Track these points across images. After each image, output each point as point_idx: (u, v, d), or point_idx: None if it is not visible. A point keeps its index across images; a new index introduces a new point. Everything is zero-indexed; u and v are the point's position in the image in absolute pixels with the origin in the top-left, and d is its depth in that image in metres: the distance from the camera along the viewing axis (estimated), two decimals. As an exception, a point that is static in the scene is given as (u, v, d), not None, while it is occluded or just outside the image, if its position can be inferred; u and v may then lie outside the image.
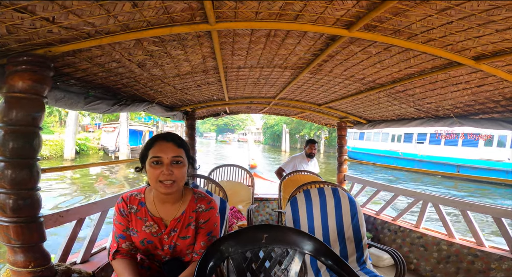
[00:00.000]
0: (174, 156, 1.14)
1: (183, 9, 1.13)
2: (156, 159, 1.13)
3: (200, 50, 1.68)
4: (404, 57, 1.65)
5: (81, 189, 9.77)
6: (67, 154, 16.83)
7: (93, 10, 0.99)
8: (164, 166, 1.13)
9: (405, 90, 2.25)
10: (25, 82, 1.17)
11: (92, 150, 20.37)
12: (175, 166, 1.14)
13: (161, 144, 1.16)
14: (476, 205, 2.51)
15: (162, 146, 1.15)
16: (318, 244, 1.28)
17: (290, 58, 1.91)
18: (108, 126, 20.51)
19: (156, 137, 1.21)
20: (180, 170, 1.15)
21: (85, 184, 10.65)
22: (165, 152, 1.14)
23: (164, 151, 1.14)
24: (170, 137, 1.20)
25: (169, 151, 1.14)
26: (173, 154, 1.14)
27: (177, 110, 3.38)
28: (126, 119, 18.11)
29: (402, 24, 1.23)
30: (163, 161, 1.13)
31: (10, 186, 1.15)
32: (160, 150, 1.14)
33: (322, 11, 1.20)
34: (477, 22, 1.10)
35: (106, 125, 21.19)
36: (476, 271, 2.32)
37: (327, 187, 2.39)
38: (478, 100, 2.07)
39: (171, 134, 1.22)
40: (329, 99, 3.08)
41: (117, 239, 1.22)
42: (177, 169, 1.14)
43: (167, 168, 1.12)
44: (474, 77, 1.72)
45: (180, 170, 1.15)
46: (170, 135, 1.21)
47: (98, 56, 1.45)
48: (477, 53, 1.40)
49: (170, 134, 1.22)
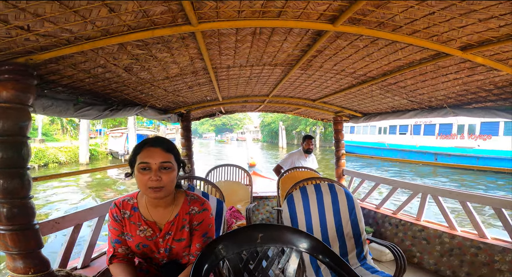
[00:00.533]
0: (162, 161, 1.13)
1: (162, 12, 1.12)
2: (144, 165, 1.12)
3: (186, 52, 1.67)
4: (392, 50, 1.64)
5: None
6: (82, 159, 17.89)
7: (68, 17, 0.97)
8: (152, 172, 1.12)
9: (397, 82, 2.23)
10: (9, 92, 1.16)
11: (101, 154, 21.31)
12: (164, 172, 1.13)
13: (149, 149, 1.15)
14: (476, 196, 2.50)
15: (150, 152, 1.14)
16: (314, 242, 1.27)
17: (278, 55, 1.89)
18: (116, 132, 21.68)
19: (143, 142, 1.19)
20: (169, 176, 1.14)
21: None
22: (153, 157, 1.13)
23: (152, 156, 1.13)
24: (158, 142, 1.18)
25: (157, 157, 1.13)
26: (161, 160, 1.13)
27: (171, 112, 3.37)
28: (134, 125, 19.60)
29: (386, 16, 1.21)
30: (151, 167, 1.12)
31: (2, 196, 1.16)
32: (147, 156, 1.13)
33: (304, 7, 1.19)
34: (458, 12, 1.09)
35: (114, 130, 22.36)
36: (480, 263, 2.31)
37: (324, 183, 2.38)
38: (470, 90, 2.06)
39: (159, 139, 1.21)
40: (323, 94, 3.07)
41: (113, 244, 1.23)
42: (165, 174, 1.13)
43: (155, 174, 1.11)
44: (463, 67, 1.71)
45: (168, 176, 1.14)
46: (158, 140, 1.19)
47: (82, 62, 1.43)
48: (463, 43, 1.39)
49: (158, 139, 1.20)
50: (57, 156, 16.93)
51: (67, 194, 9.70)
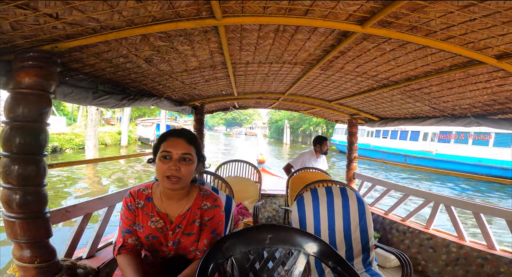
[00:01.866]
0: (183, 153, 1.15)
1: (188, 4, 1.10)
2: (166, 153, 1.15)
3: (207, 46, 1.65)
4: (421, 55, 1.57)
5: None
6: (123, 142, 21.22)
7: (96, 5, 0.97)
8: (172, 162, 1.14)
9: (421, 88, 2.15)
10: (31, 78, 1.17)
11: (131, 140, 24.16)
12: (183, 163, 1.15)
13: (173, 139, 1.18)
14: (490, 208, 2.42)
15: (173, 142, 1.17)
16: (323, 246, 1.25)
17: (300, 54, 1.85)
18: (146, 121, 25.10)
19: (169, 132, 1.22)
20: (188, 168, 1.16)
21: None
22: (175, 147, 1.15)
23: (175, 146, 1.15)
24: (183, 133, 1.21)
25: (179, 147, 1.15)
26: (182, 151, 1.15)
27: (186, 104, 3.38)
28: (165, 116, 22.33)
29: (420, 20, 1.15)
30: (172, 157, 1.14)
31: (16, 182, 1.15)
32: (170, 145, 1.16)
33: (333, 6, 1.14)
34: (501, 20, 1.02)
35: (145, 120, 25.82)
36: (485, 274, 2.26)
37: (335, 186, 2.34)
38: (498, 100, 1.97)
39: (185, 131, 1.23)
40: (340, 95, 3.00)
41: (124, 234, 1.23)
42: (184, 166, 1.15)
43: (175, 164, 1.14)
44: (495, 76, 1.62)
45: (187, 168, 1.16)
46: (183, 131, 1.22)
47: (105, 51, 1.44)
48: (499, 52, 1.32)
49: (184, 131, 1.23)
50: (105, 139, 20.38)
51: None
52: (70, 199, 7.69)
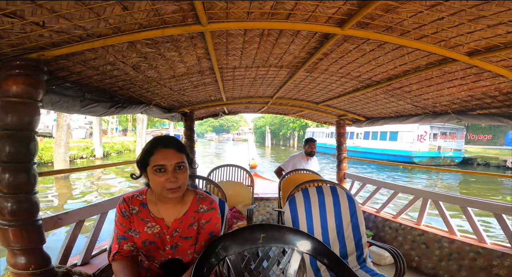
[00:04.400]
0: (177, 162, 1.14)
1: (174, 11, 1.13)
2: (159, 167, 1.13)
3: (194, 51, 1.69)
4: (399, 54, 1.65)
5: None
6: (138, 151, 22.15)
7: (83, 14, 0.99)
8: (168, 173, 1.13)
9: (402, 86, 2.24)
10: (19, 86, 1.18)
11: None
12: (179, 172, 1.15)
13: (163, 151, 1.14)
14: (477, 202, 2.50)
15: (164, 153, 1.14)
16: (316, 243, 1.28)
17: (285, 57, 1.90)
18: (156, 131, 28.41)
19: (156, 143, 1.17)
20: (184, 175, 1.17)
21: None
22: (168, 159, 1.13)
23: (167, 158, 1.13)
24: (170, 142, 1.18)
25: (171, 158, 1.13)
26: (176, 161, 1.14)
27: (175, 111, 3.38)
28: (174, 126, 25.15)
29: (394, 20, 1.22)
30: (167, 169, 1.13)
31: (7, 190, 1.16)
32: (163, 158, 1.13)
33: (313, 10, 1.20)
34: (468, 18, 1.10)
35: (154, 131, 29.12)
36: (478, 268, 2.32)
37: (326, 185, 2.38)
38: (475, 96, 2.06)
39: (171, 139, 1.20)
40: (327, 97, 3.08)
41: (119, 240, 1.22)
42: (181, 174, 1.15)
43: (172, 176, 1.13)
44: (469, 72, 1.71)
45: (183, 175, 1.16)
46: (170, 141, 1.19)
47: (92, 59, 1.45)
48: (470, 49, 1.40)
49: (170, 139, 1.20)
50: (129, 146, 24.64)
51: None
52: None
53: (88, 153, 18.51)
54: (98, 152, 18.87)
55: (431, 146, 18.69)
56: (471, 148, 21.65)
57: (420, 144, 18.41)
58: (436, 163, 18.30)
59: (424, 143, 18.53)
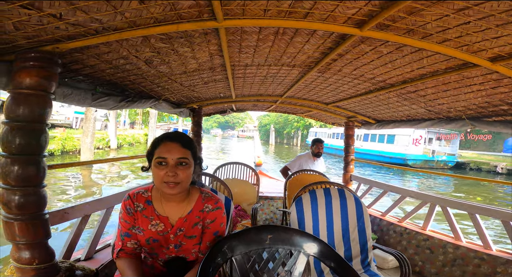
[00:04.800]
0: (179, 157, 1.12)
1: (190, 6, 1.11)
2: (161, 159, 1.11)
3: (207, 48, 1.67)
4: (417, 57, 1.60)
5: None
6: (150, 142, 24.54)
7: (100, 6, 0.98)
8: (168, 167, 1.11)
9: (417, 90, 2.19)
10: (33, 79, 1.16)
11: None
12: (180, 168, 1.12)
13: (167, 144, 1.13)
14: (485, 209, 2.46)
15: (168, 147, 1.13)
16: (322, 246, 1.26)
17: (298, 56, 1.87)
18: (164, 126, 29.60)
19: (162, 136, 1.18)
20: (185, 172, 1.13)
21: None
22: (171, 153, 1.11)
23: (170, 152, 1.11)
24: (177, 137, 1.16)
25: (174, 152, 1.12)
26: (178, 156, 1.12)
27: (184, 107, 3.38)
28: (182, 121, 26.08)
29: (417, 23, 1.18)
30: (168, 162, 1.11)
31: (15, 183, 1.14)
32: (165, 151, 1.12)
33: (332, 9, 1.17)
34: (496, 23, 1.06)
35: (163, 125, 30.19)
36: (482, 274, 2.29)
37: (333, 187, 2.36)
38: (492, 102, 2.01)
39: (178, 134, 1.19)
40: (337, 98, 3.03)
41: (122, 237, 1.21)
42: (182, 170, 1.12)
43: (172, 170, 1.10)
44: (489, 78, 1.66)
45: (185, 172, 1.13)
46: (176, 135, 1.18)
47: (105, 53, 1.44)
48: (494, 54, 1.35)
49: (177, 134, 1.19)
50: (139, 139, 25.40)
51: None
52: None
53: (104, 144, 19.49)
54: (113, 144, 19.95)
55: (426, 150, 19.42)
56: (466, 153, 22.34)
57: (414, 147, 19.23)
58: (430, 166, 18.97)
59: (418, 146, 19.28)
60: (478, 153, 22.61)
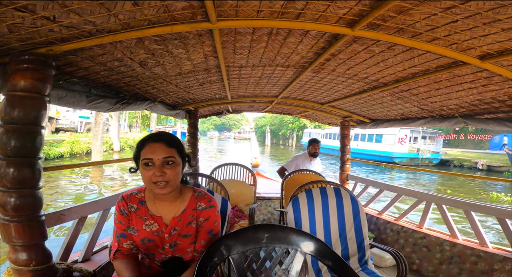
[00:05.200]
0: (165, 157, 1.12)
1: (184, 8, 1.12)
2: (147, 160, 1.12)
3: (201, 49, 1.68)
4: (408, 56, 1.63)
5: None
6: None
7: (94, 9, 0.98)
8: (155, 167, 1.11)
9: (409, 89, 2.22)
10: (27, 81, 1.17)
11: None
12: (167, 167, 1.12)
13: (151, 145, 1.14)
14: (480, 206, 2.49)
15: (152, 147, 1.13)
16: (319, 244, 1.27)
17: (292, 56, 1.89)
18: (161, 129, 29.25)
19: (145, 138, 1.18)
20: (173, 170, 1.13)
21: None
22: (156, 153, 1.12)
23: (155, 152, 1.12)
24: (160, 137, 1.17)
25: (159, 152, 1.12)
26: (164, 155, 1.12)
27: (180, 108, 3.38)
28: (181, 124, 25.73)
29: (406, 22, 1.21)
30: (154, 163, 1.11)
31: (11, 185, 1.15)
32: (150, 152, 1.12)
33: (324, 10, 1.19)
34: (482, 21, 1.08)
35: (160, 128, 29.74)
36: (479, 272, 2.31)
37: (329, 186, 2.37)
38: (484, 100, 2.04)
39: (161, 134, 1.19)
40: (332, 98, 3.06)
41: (118, 238, 1.22)
42: (169, 169, 1.12)
43: (159, 170, 1.10)
44: (479, 76, 1.69)
45: (172, 170, 1.13)
46: (160, 135, 1.18)
47: (100, 55, 1.45)
48: (482, 52, 1.38)
49: (160, 134, 1.19)
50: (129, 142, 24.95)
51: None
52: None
53: (107, 146, 20.43)
54: (116, 146, 21.00)
55: (411, 148, 20.67)
56: (451, 151, 23.52)
57: (400, 146, 20.54)
58: (415, 163, 20.05)
59: (404, 145, 20.63)
60: (463, 150, 23.66)
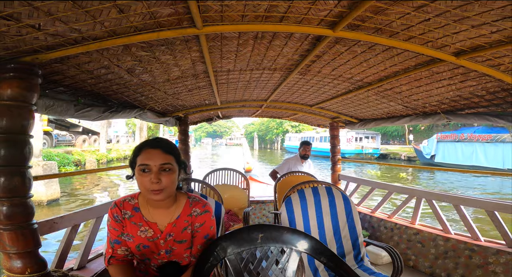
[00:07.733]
0: (162, 163, 1.11)
1: (169, 14, 1.15)
2: (144, 166, 1.11)
3: (189, 55, 1.70)
4: (388, 55, 1.70)
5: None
6: None
7: (79, 16, 1.00)
8: (152, 174, 1.10)
9: (392, 88, 2.29)
10: (13, 90, 1.17)
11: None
12: (164, 174, 1.12)
13: (148, 151, 1.13)
14: (469, 200, 2.55)
15: (149, 153, 1.12)
16: (313, 242, 1.29)
17: (278, 59, 1.94)
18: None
19: (142, 144, 1.17)
20: (169, 177, 1.13)
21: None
22: (153, 159, 1.11)
23: (152, 158, 1.11)
24: (158, 143, 1.16)
25: (156, 159, 1.11)
26: (161, 162, 1.11)
27: (169, 116, 3.37)
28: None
29: (383, 22, 1.27)
30: (151, 169, 1.11)
31: (2, 194, 1.15)
32: (147, 158, 1.11)
33: (306, 12, 1.23)
34: (452, 18, 1.14)
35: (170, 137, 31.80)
36: (475, 265, 2.35)
37: (321, 186, 2.40)
38: (463, 96, 2.13)
39: (159, 140, 1.19)
40: (320, 99, 3.12)
41: (112, 245, 1.21)
42: (165, 176, 1.12)
43: (155, 176, 1.10)
44: (456, 73, 1.77)
45: (168, 177, 1.12)
46: (157, 141, 1.18)
47: (86, 62, 1.45)
48: (456, 49, 1.45)
49: (158, 140, 1.19)
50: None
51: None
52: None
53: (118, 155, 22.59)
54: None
55: (357, 146, 27.31)
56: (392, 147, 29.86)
57: (349, 144, 26.97)
58: (361, 157, 25.47)
59: (351, 144, 27.26)
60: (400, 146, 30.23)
